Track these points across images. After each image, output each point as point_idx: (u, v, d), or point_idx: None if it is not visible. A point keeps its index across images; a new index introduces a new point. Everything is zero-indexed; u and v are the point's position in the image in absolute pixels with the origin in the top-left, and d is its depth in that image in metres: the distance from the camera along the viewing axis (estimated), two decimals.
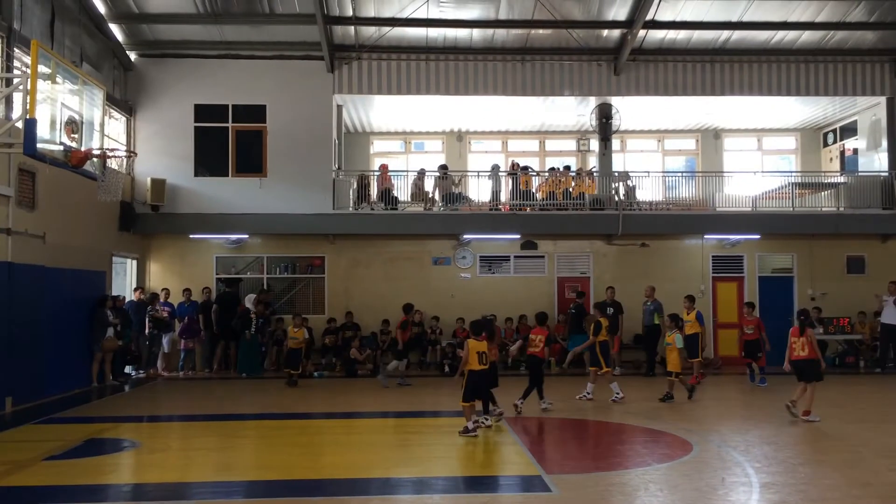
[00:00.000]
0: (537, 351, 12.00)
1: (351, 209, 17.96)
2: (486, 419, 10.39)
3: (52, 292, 13.57)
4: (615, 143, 20.04)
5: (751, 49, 18.27)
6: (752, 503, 6.86)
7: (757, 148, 22.05)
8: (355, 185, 18.26)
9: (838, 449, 9.07)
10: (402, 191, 18.44)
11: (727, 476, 7.76)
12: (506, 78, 18.23)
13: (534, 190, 18.78)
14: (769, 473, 7.86)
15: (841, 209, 18.51)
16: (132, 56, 17.76)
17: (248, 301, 17.41)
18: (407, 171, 19.19)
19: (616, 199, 18.32)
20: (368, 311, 17.63)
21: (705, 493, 7.11)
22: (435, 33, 17.60)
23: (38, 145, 9.82)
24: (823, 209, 18.84)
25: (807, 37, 17.98)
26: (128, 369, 16.67)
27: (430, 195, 18.33)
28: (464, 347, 10.31)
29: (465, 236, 18.44)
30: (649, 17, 16.66)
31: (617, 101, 18.81)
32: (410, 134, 21.74)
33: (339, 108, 18.70)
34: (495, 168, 18.80)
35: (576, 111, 19.73)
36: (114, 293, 16.28)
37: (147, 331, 16.82)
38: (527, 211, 18.30)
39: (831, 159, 21.40)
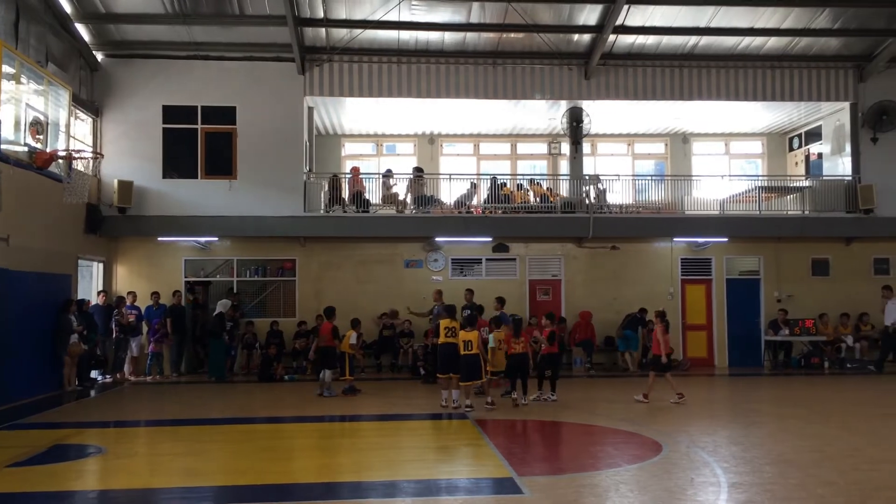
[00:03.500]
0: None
1: (322, 212, 17.88)
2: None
3: (15, 296, 13.31)
4: (586, 147, 20.23)
5: (718, 54, 18.52)
6: (721, 503, 6.93)
7: (724, 152, 22.34)
8: (326, 188, 18.18)
9: (804, 448, 9.21)
10: (374, 193, 18.40)
11: (696, 476, 7.85)
12: (477, 81, 18.27)
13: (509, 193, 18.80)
14: (737, 473, 7.96)
15: (806, 212, 18.82)
16: (99, 56, 17.51)
17: (223, 306, 17.18)
18: (378, 173, 19.17)
19: (587, 202, 18.46)
20: (340, 314, 17.44)
21: (675, 494, 7.18)
22: (406, 36, 17.59)
23: (2, 146, 9.65)
24: (789, 213, 19.15)
25: (773, 43, 18.27)
26: (94, 374, 16.40)
27: (402, 198, 18.30)
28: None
29: (435, 239, 18.44)
30: (619, 21, 16.80)
31: (587, 105, 18.95)
32: (382, 136, 21.70)
33: (311, 109, 18.62)
34: (473, 185, 18.73)
35: (547, 115, 19.84)
36: (80, 297, 16.03)
37: (114, 335, 16.57)
38: (498, 214, 18.35)
39: (797, 163, 21.76)
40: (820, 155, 20.66)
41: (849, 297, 19.11)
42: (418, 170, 19.04)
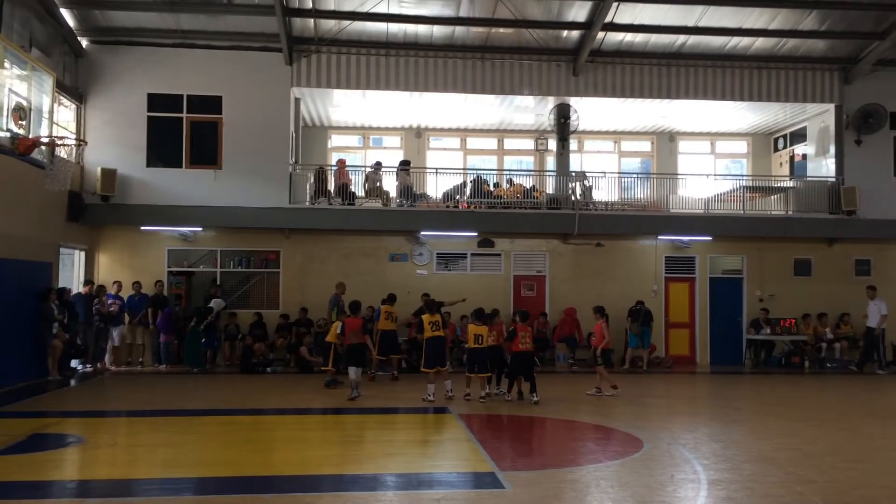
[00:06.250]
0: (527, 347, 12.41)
1: (307, 204, 17.80)
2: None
3: None
4: (573, 144, 20.26)
5: (706, 54, 18.58)
6: (700, 499, 6.97)
7: (710, 151, 22.46)
8: (312, 180, 18.10)
9: (784, 446, 9.28)
10: (360, 186, 18.35)
11: (676, 473, 7.89)
12: (465, 75, 18.24)
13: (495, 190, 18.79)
14: (717, 470, 8.02)
15: (790, 213, 18.95)
16: (84, 42, 17.32)
17: (217, 305, 17.05)
18: (365, 166, 19.11)
19: (573, 198, 18.49)
20: (324, 307, 17.41)
21: (655, 490, 7.22)
22: (395, 28, 17.52)
23: None
24: (773, 213, 19.26)
25: (760, 43, 18.36)
26: (74, 363, 16.26)
27: (387, 192, 18.25)
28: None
29: (420, 234, 18.40)
30: (608, 19, 16.82)
31: (575, 102, 18.97)
32: (369, 129, 21.62)
33: (297, 101, 18.52)
34: (458, 186, 18.70)
35: (534, 110, 19.84)
36: (61, 285, 15.88)
37: (94, 324, 16.41)
38: (484, 209, 18.33)
39: (781, 164, 21.90)
40: (804, 156, 20.80)
41: (830, 297, 19.27)
42: (405, 163, 19.00)
